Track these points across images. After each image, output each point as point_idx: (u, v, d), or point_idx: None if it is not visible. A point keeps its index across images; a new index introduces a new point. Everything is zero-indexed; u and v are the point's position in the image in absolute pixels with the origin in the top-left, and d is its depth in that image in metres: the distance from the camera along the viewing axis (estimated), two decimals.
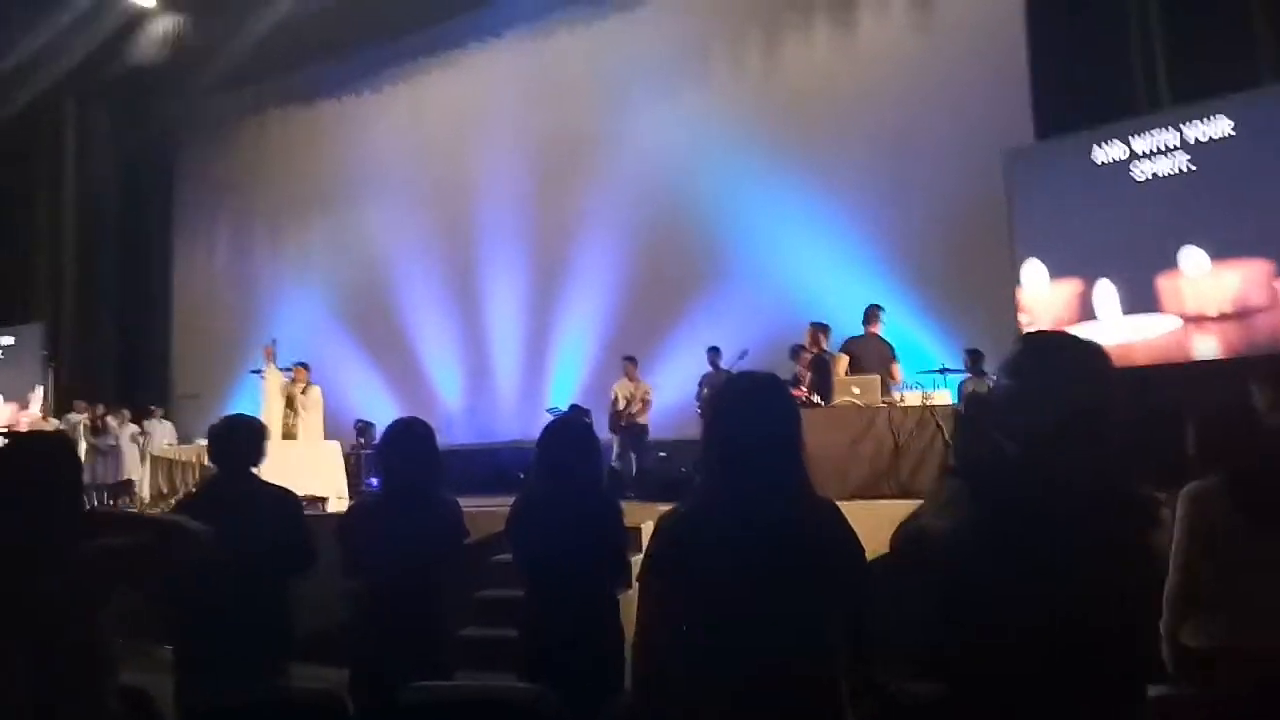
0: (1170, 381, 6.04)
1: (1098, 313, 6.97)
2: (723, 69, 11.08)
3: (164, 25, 13.13)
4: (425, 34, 12.81)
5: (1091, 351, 1.83)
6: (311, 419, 8.96)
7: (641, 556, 2.09)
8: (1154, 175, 6.84)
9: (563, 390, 11.04)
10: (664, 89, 11.15)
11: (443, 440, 3.46)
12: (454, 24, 12.62)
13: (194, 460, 8.60)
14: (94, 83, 13.95)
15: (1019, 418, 1.79)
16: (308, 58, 13.28)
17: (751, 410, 1.98)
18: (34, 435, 3.14)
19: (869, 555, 2.06)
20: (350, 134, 13.48)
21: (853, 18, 10.36)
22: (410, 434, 3.32)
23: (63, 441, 2.78)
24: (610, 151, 11.36)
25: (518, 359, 11.85)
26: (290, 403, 8.88)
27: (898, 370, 7.39)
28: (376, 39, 12.96)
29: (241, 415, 3.83)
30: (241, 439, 3.45)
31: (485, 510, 5.41)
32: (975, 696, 1.69)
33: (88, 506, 2.59)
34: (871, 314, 7.58)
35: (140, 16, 13.09)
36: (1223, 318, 6.43)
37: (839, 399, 6.68)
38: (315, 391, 9.07)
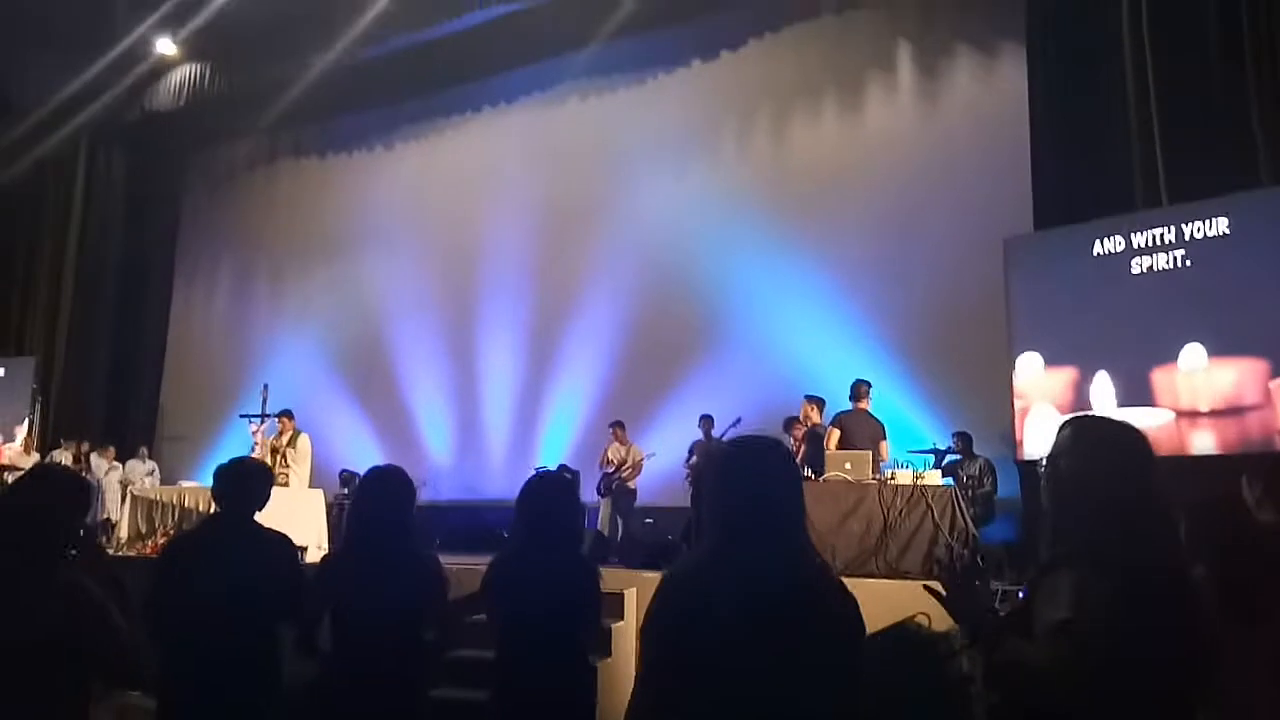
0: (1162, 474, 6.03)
1: (1092, 403, 6.98)
2: (730, 145, 11.29)
3: (184, 73, 13.40)
4: (439, 95, 13.07)
5: (1139, 434, 1.93)
6: (302, 469, 8.86)
7: (641, 614, 2.05)
8: (1151, 270, 6.92)
9: (553, 451, 10.98)
10: (671, 161, 11.34)
11: (429, 496, 3.41)
12: (468, 87, 12.88)
13: (175, 501, 8.49)
14: (110, 125, 14.16)
15: (1096, 500, 1.85)
16: (323, 112, 13.52)
17: (761, 472, 1.96)
18: (60, 469, 3.14)
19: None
20: (359, 188, 13.65)
21: (861, 102, 10.61)
22: (385, 483, 3.22)
23: (83, 483, 2.74)
24: (614, 219, 11.50)
25: (509, 418, 11.81)
26: (277, 455, 8.78)
27: (885, 449, 7.37)
28: (392, 98, 13.22)
29: (249, 458, 3.79)
30: (250, 481, 3.39)
31: (468, 568, 5.32)
32: None
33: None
34: (860, 390, 7.59)
35: (162, 64, 13.37)
36: (1215, 414, 6.44)
37: (830, 473, 6.65)
38: (304, 441, 8.96)
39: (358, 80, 12.49)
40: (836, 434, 7.28)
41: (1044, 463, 1.99)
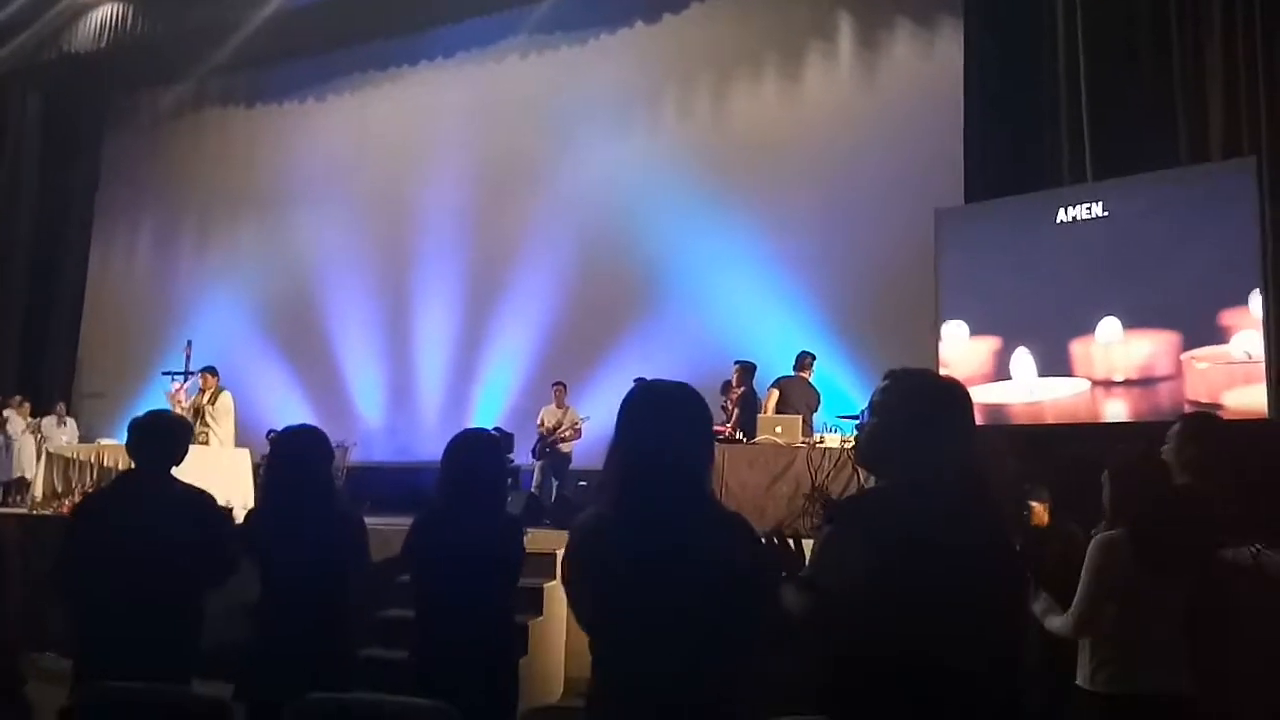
0: (1076, 441, 6.26)
1: (1013, 372, 7.19)
2: (671, 110, 11.25)
3: (106, 13, 12.80)
4: (375, 47, 12.75)
5: (951, 387, 1.90)
6: (223, 428, 8.67)
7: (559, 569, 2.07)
8: (1073, 244, 7.11)
9: (488, 412, 10.93)
10: (611, 124, 11.26)
11: (361, 457, 3.37)
12: (405, 40, 12.58)
13: (92, 459, 8.25)
14: (27, 66, 13.49)
15: (888, 454, 1.83)
16: (252, 60, 13.05)
17: (659, 420, 1.94)
18: None
19: None
20: (290, 140, 13.27)
21: (800, 71, 10.65)
22: (299, 443, 3.21)
23: None
24: (552, 180, 11.40)
25: (443, 379, 11.71)
26: (199, 413, 8.57)
27: (814, 419, 7.56)
28: (325, 48, 12.83)
29: (166, 411, 3.71)
30: (165, 435, 3.31)
31: (400, 529, 5.28)
32: None
33: None
34: (804, 360, 7.81)
35: (81, 4, 12.75)
36: (1129, 384, 6.69)
37: (761, 436, 6.75)
38: (225, 399, 8.76)
39: (289, 28, 12.07)
40: (776, 395, 7.50)
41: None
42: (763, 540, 1.96)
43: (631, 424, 1.96)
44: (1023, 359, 7.13)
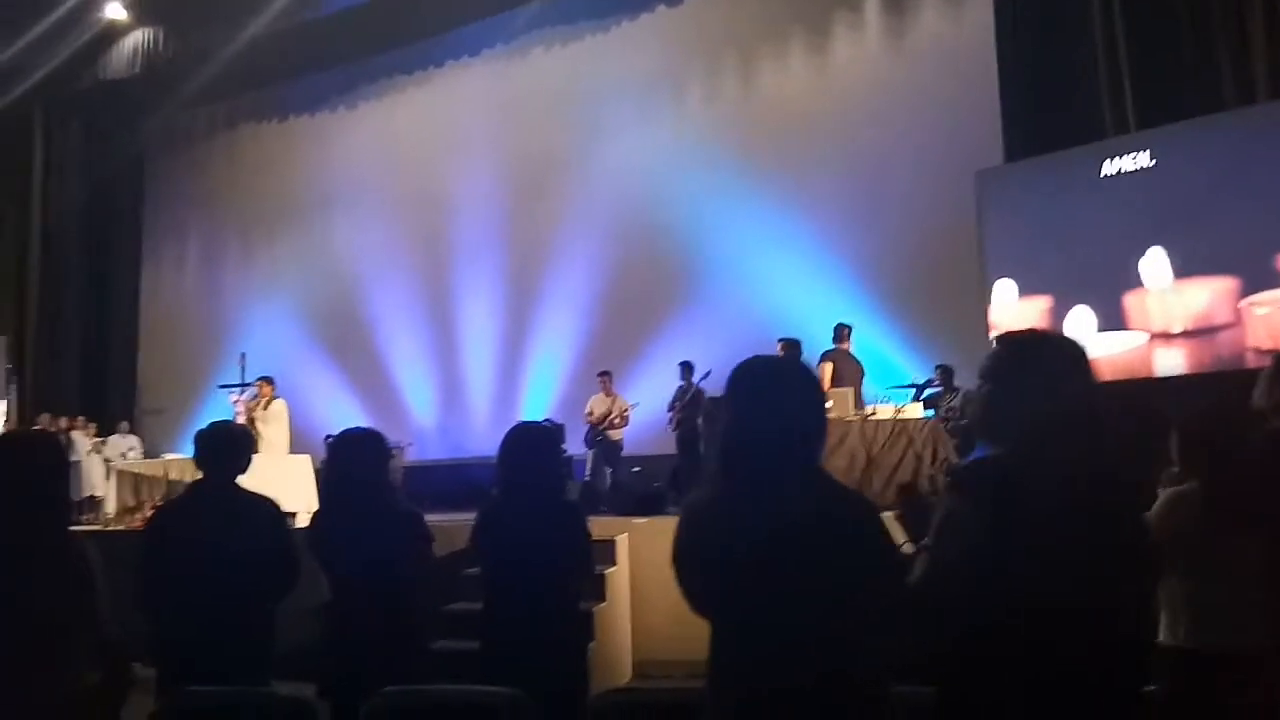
0: (1138, 396, 6.14)
1: (1067, 330, 7.07)
2: (698, 91, 11.19)
3: (137, 39, 13.06)
4: (400, 51, 12.85)
5: (1067, 347, 1.83)
6: (273, 432, 8.79)
7: (632, 560, 2.04)
8: (1121, 196, 6.97)
9: (537, 405, 11.02)
10: (640, 109, 11.24)
11: (415, 455, 3.42)
12: (429, 42, 12.66)
13: (161, 474, 8.47)
14: (65, 95, 13.82)
15: (1005, 420, 1.78)
16: (282, 73, 13.26)
17: (767, 392, 1.86)
18: (24, 433, 3.10)
19: None
20: (324, 149, 13.44)
21: (827, 43, 10.52)
22: (353, 446, 3.28)
23: (53, 440, 2.75)
24: (585, 170, 11.41)
25: (491, 374, 11.82)
26: (252, 421, 8.73)
27: (861, 389, 7.52)
28: (351, 56, 12.96)
29: (229, 421, 3.79)
30: (229, 445, 3.38)
31: (460, 524, 5.36)
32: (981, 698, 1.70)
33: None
34: (843, 332, 7.76)
35: (113, 30, 13.02)
36: (1187, 334, 6.54)
37: None
38: (278, 405, 8.90)
39: (315, 39, 12.24)
40: (830, 368, 7.44)
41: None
42: (880, 510, 1.89)
43: (737, 400, 1.88)
44: (1080, 317, 7.01)
